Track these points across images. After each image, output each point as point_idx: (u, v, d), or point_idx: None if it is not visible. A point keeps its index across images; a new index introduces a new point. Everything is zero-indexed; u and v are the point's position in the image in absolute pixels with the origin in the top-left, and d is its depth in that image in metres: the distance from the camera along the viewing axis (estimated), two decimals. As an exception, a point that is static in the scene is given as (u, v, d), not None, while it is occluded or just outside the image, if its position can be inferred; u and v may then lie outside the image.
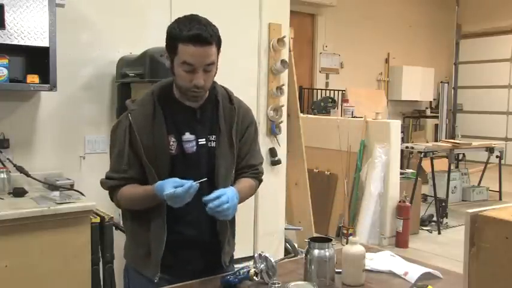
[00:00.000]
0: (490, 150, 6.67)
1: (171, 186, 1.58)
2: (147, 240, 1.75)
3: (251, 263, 1.72)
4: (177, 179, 1.60)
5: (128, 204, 1.78)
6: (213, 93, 1.81)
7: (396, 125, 5.31)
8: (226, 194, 1.62)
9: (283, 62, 3.74)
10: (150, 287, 1.74)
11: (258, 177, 1.92)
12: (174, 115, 1.75)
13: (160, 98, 1.74)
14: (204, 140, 1.77)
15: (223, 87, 1.88)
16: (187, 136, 1.75)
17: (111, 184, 1.76)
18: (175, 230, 1.74)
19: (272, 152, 3.74)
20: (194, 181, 1.58)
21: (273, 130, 3.74)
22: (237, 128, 1.83)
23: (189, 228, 1.77)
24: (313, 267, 1.68)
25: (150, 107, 1.72)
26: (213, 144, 1.78)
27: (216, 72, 1.74)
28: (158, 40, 3.20)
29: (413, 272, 1.80)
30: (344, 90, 8.62)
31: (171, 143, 1.72)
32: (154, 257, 1.74)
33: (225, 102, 1.83)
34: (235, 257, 1.98)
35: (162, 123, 1.72)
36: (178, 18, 1.68)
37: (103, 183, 1.80)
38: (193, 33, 1.60)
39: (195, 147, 1.76)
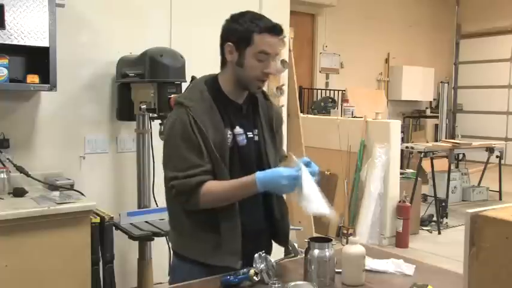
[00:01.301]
0: (490, 150, 6.67)
1: (292, 176, 1.65)
2: (216, 234, 1.75)
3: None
4: (282, 169, 1.69)
5: (212, 201, 1.72)
6: None
7: (396, 125, 5.30)
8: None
9: (283, 62, 3.74)
10: (207, 275, 1.75)
11: None
12: (225, 109, 1.80)
13: (211, 94, 1.79)
14: (251, 133, 1.85)
15: None
16: (238, 130, 1.82)
17: (196, 181, 1.68)
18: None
19: (272, 152, 3.74)
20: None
21: (273, 130, 3.74)
22: (274, 122, 1.93)
23: (247, 222, 1.78)
24: (313, 267, 1.68)
25: (207, 102, 1.76)
26: (257, 138, 1.86)
27: None
28: (158, 40, 3.23)
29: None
30: (344, 90, 8.61)
31: (228, 135, 1.78)
32: (230, 246, 1.74)
33: (261, 98, 1.92)
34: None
35: (219, 117, 1.77)
36: (239, 14, 1.78)
37: (183, 185, 1.69)
38: (272, 24, 1.75)
39: (245, 140, 1.82)
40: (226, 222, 1.75)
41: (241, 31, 1.74)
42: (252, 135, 1.85)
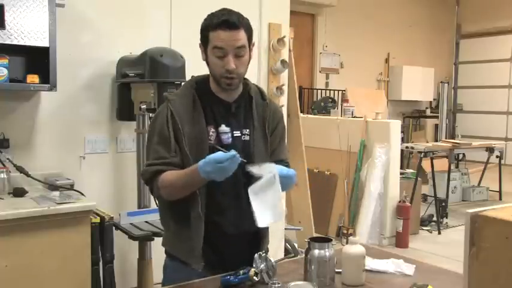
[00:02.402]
0: (490, 150, 6.68)
1: (213, 159, 1.58)
2: (189, 236, 1.77)
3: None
4: (219, 154, 1.60)
5: (169, 191, 1.75)
6: (246, 90, 1.88)
7: (396, 125, 5.31)
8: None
9: (283, 62, 3.74)
10: (194, 276, 1.76)
11: None
12: (211, 107, 1.80)
13: (198, 90, 1.81)
14: (238, 132, 1.83)
15: (255, 84, 1.94)
16: (223, 128, 1.80)
17: (153, 170, 1.74)
18: (215, 227, 1.77)
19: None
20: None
21: (273, 130, 3.74)
22: (269, 123, 1.89)
23: (229, 224, 1.80)
24: (313, 267, 1.68)
25: (190, 98, 1.78)
26: (247, 138, 1.84)
27: (249, 61, 1.79)
28: (158, 40, 3.23)
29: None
30: (344, 90, 8.62)
31: (210, 133, 1.78)
32: (197, 249, 1.76)
33: (258, 98, 1.89)
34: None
35: (201, 114, 1.77)
36: (209, 14, 1.79)
37: (144, 173, 1.79)
38: (221, 20, 1.72)
39: (230, 139, 1.81)
40: (193, 226, 1.75)
41: (201, 31, 1.77)
42: (239, 135, 1.82)
